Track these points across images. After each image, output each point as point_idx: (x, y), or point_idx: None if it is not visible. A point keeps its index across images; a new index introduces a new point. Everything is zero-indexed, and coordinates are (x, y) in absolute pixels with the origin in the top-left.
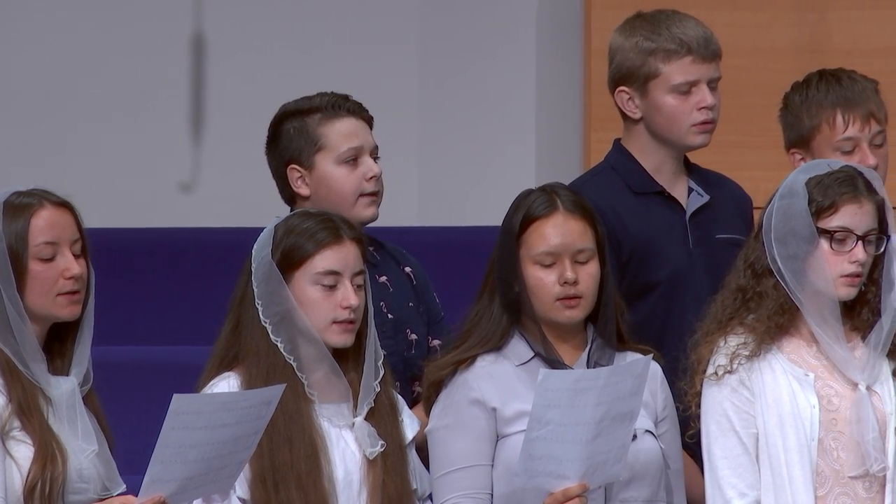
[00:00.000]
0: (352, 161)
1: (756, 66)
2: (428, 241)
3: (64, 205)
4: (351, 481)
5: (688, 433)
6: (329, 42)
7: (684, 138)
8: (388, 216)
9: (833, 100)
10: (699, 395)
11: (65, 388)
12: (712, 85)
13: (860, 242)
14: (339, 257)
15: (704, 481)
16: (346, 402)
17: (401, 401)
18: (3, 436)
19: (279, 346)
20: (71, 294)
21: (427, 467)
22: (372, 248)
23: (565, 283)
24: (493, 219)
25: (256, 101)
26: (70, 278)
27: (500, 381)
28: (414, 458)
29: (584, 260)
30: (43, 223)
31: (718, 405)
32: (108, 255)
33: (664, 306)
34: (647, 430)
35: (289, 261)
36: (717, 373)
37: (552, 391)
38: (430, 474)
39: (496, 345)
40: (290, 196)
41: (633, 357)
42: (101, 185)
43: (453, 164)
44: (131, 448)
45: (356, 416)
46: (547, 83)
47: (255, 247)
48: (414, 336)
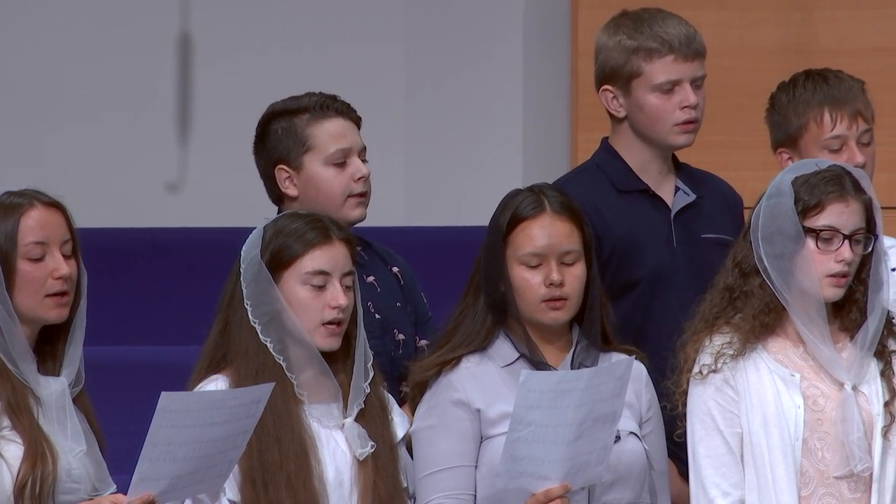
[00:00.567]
0: (340, 162)
1: (742, 66)
2: (415, 241)
3: (55, 205)
4: (342, 482)
5: (675, 433)
6: (316, 42)
7: (667, 137)
8: (376, 216)
9: (820, 98)
10: (686, 394)
11: (54, 389)
12: (696, 84)
13: (847, 242)
14: (329, 257)
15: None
16: (335, 402)
17: (391, 400)
18: None
19: (269, 346)
20: (59, 296)
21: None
22: (360, 248)
23: (551, 284)
24: (480, 219)
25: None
26: (59, 279)
27: (484, 383)
28: (405, 456)
29: (571, 261)
30: (33, 223)
31: (703, 404)
32: (95, 255)
33: (645, 304)
34: (632, 432)
35: (278, 261)
36: (701, 372)
37: (534, 392)
38: (414, 474)
39: (480, 345)
40: (277, 196)
41: (618, 358)
42: (88, 185)
43: (440, 164)
44: (120, 448)
45: (346, 417)
46: (534, 83)
47: (244, 248)
48: (401, 336)
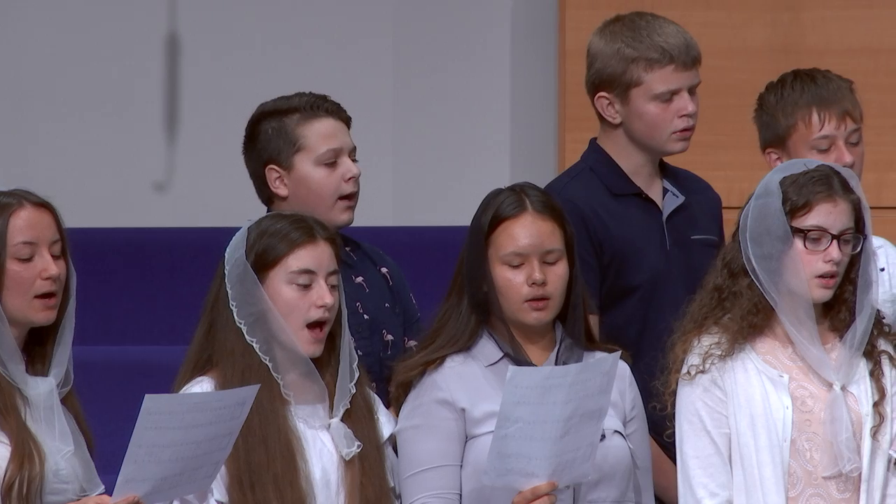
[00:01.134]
0: (331, 162)
1: (730, 67)
2: (403, 241)
3: (44, 205)
4: (329, 482)
5: (665, 433)
6: (304, 42)
7: (664, 145)
8: (364, 216)
9: (809, 98)
10: (675, 394)
11: (42, 389)
12: (692, 91)
13: (835, 242)
14: (314, 256)
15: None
16: (321, 403)
17: (377, 400)
18: None
19: (255, 346)
20: (47, 299)
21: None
22: (348, 249)
23: (533, 283)
24: (468, 219)
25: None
26: (48, 279)
27: (468, 382)
28: (391, 455)
29: (553, 261)
30: (22, 223)
31: (691, 405)
32: (83, 255)
33: (643, 308)
34: (616, 431)
35: (263, 261)
36: (689, 372)
37: (521, 388)
38: (400, 474)
39: (465, 345)
40: (267, 196)
41: (603, 356)
42: (76, 185)
43: (428, 164)
44: (108, 448)
45: (332, 417)
46: (521, 83)
47: (228, 249)
48: (390, 337)
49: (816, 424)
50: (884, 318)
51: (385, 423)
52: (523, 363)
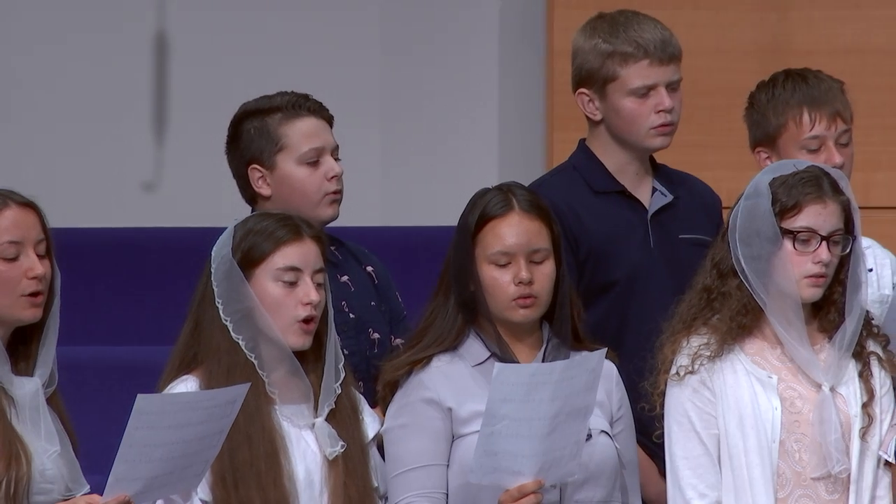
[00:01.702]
0: (313, 161)
1: (718, 67)
2: (391, 241)
3: (29, 205)
4: (312, 481)
5: (654, 434)
6: (292, 42)
7: (643, 141)
8: (351, 216)
9: (800, 98)
10: (663, 395)
11: (28, 389)
12: (672, 87)
13: (825, 243)
14: (300, 253)
15: (662, 481)
16: (306, 402)
17: (362, 400)
18: None
19: (241, 343)
20: (33, 296)
21: None
22: (333, 248)
23: (520, 282)
24: (455, 219)
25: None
26: (33, 278)
27: (455, 382)
28: (375, 456)
29: (540, 260)
30: (7, 223)
31: (680, 405)
32: (71, 255)
33: (622, 305)
34: (603, 431)
35: (249, 259)
36: (678, 373)
37: (507, 385)
38: (386, 473)
39: (451, 344)
40: (251, 196)
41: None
42: (65, 185)
43: (416, 164)
44: (94, 448)
45: (317, 417)
46: (510, 83)
47: (215, 249)
48: (376, 335)
49: (805, 425)
50: (872, 319)
51: (370, 424)
52: (510, 362)
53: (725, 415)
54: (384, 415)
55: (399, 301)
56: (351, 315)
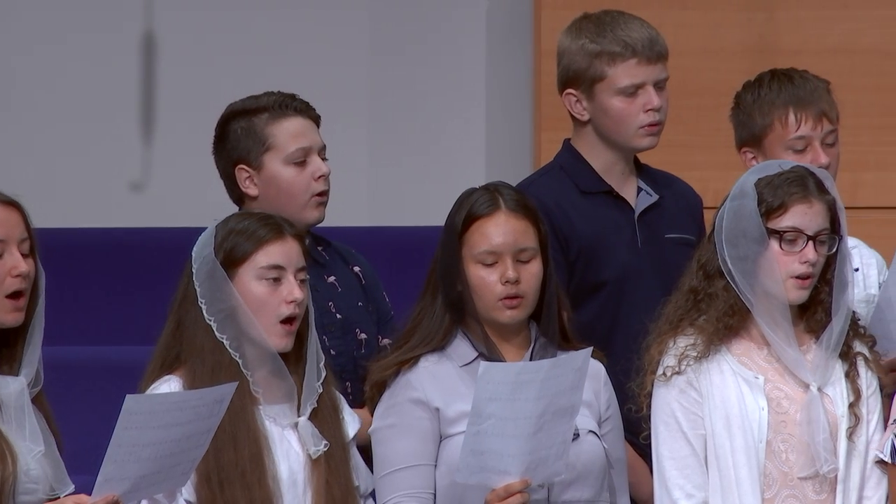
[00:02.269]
0: (300, 161)
1: (705, 67)
2: (378, 242)
3: (12, 204)
4: (296, 481)
5: (641, 435)
6: (280, 42)
7: (631, 140)
8: (338, 216)
9: (785, 98)
10: (650, 396)
11: (13, 389)
12: (659, 86)
13: (811, 242)
14: (283, 252)
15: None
16: (288, 402)
17: (341, 399)
18: None
19: (225, 343)
20: (16, 299)
21: (372, 467)
22: (320, 248)
23: (507, 281)
24: (443, 219)
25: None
26: (17, 276)
27: (443, 382)
28: (355, 455)
29: (527, 259)
30: None
31: (667, 406)
32: (59, 255)
33: (613, 305)
34: (591, 431)
35: (232, 258)
36: (665, 374)
37: (493, 384)
38: (373, 474)
39: (439, 344)
40: (238, 196)
41: None
42: (52, 185)
43: (403, 165)
44: (80, 448)
45: (300, 416)
46: (497, 83)
47: (195, 248)
48: (363, 335)
49: (792, 426)
50: (859, 319)
51: (349, 423)
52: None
53: (712, 415)
54: (372, 415)
55: (386, 301)
56: (338, 315)
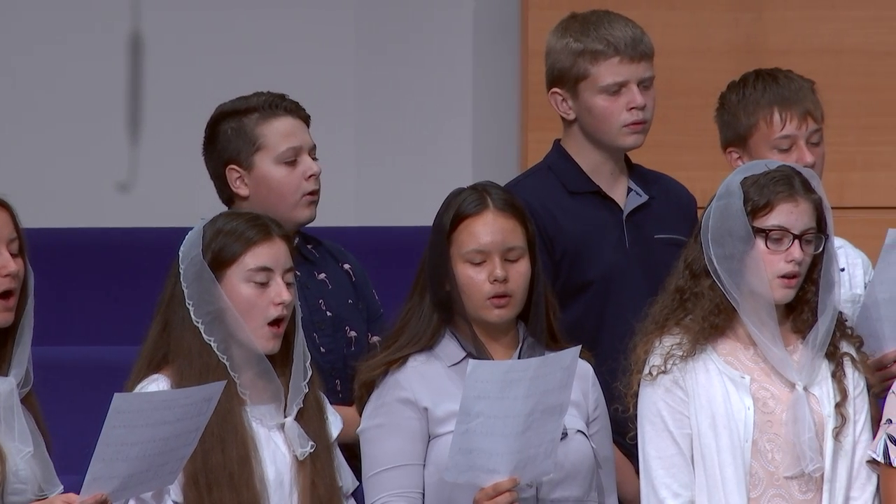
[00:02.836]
0: (291, 160)
1: (693, 67)
2: (366, 242)
3: (0, 203)
4: (282, 482)
5: (628, 435)
6: (267, 42)
7: (616, 139)
8: (326, 216)
9: (770, 98)
10: (637, 395)
11: (2, 389)
12: (644, 85)
13: (797, 242)
14: (271, 254)
15: (637, 480)
16: (275, 403)
17: (324, 399)
18: None
19: (212, 345)
20: (5, 299)
21: (358, 466)
22: (310, 246)
23: (495, 280)
24: (430, 219)
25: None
26: (6, 276)
27: (431, 382)
28: (337, 454)
29: (515, 258)
30: None
31: (653, 405)
32: (46, 255)
33: (599, 305)
34: (579, 430)
35: (220, 260)
36: (651, 373)
37: (481, 382)
38: (362, 474)
39: (427, 344)
40: (228, 197)
41: None
42: (39, 185)
43: (391, 165)
44: (69, 447)
45: (286, 416)
46: (484, 83)
47: (183, 248)
48: (353, 333)
49: (778, 425)
50: (846, 319)
51: (333, 423)
52: None
53: (698, 414)
54: (360, 415)
55: (376, 299)
56: (328, 313)
